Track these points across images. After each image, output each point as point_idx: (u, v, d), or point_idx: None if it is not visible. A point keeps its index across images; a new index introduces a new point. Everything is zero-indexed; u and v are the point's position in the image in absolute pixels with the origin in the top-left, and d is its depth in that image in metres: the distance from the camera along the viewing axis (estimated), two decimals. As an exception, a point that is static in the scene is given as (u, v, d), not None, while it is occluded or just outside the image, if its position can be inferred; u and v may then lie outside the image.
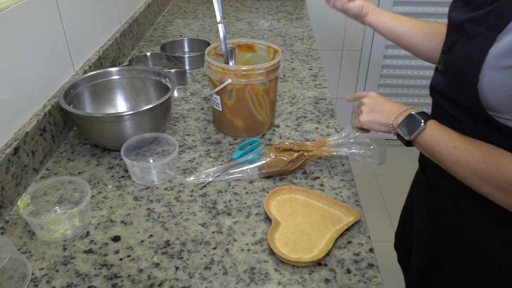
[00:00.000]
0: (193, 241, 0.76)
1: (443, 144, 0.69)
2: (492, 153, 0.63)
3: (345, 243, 0.75)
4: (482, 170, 0.63)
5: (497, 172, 0.61)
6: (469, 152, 0.65)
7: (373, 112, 0.81)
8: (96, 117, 0.94)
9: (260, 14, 1.92)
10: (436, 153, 0.70)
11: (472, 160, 0.64)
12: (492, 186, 0.63)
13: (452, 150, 0.67)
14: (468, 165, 0.65)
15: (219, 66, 0.96)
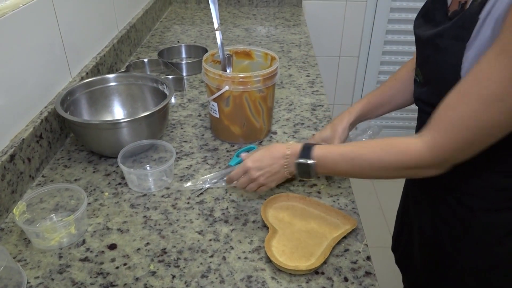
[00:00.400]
0: (189, 249, 0.76)
1: (341, 163, 0.73)
2: (388, 144, 0.68)
3: (342, 251, 0.75)
4: (386, 162, 0.68)
5: (400, 156, 0.67)
6: (365, 157, 0.70)
7: (266, 172, 0.79)
8: (93, 124, 0.94)
9: (257, 20, 1.93)
10: (342, 173, 0.76)
11: (373, 161, 0.69)
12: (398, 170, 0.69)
13: (350, 163, 0.72)
14: (371, 166, 0.70)
15: (216, 73, 0.96)
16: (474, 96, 0.60)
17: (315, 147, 0.75)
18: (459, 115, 0.61)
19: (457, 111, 0.62)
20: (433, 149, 0.65)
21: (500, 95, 0.58)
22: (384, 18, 2.23)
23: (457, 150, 0.64)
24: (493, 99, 0.58)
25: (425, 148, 0.65)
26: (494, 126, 0.60)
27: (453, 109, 0.63)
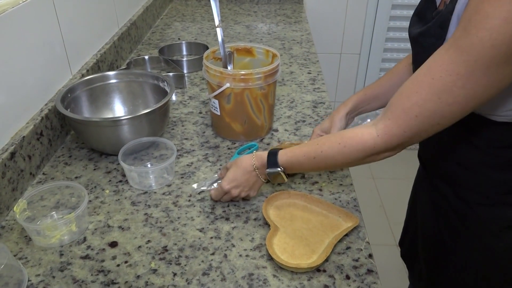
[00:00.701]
0: (191, 247, 0.76)
1: (306, 163, 0.76)
2: (344, 137, 0.71)
3: (344, 249, 0.75)
4: (346, 155, 0.71)
5: (356, 146, 0.70)
6: (326, 153, 0.73)
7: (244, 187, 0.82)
8: (93, 121, 0.93)
9: (258, 17, 1.92)
10: (312, 170, 0.80)
11: (334, 155, 0.72)
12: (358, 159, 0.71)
13: (314, 161, 0.74)
14: (333, 160, 0.73)
15: (217, 70, 0.96)
16: (425, 86, 0.61)
17: (279, 154, 0.78)
18: (411, 103, 0.63)
19: (409, 100, 0.63)
20: (385, 136, 0.67)
21: (449, 87, 0.59)
22: (385, 15, 2.22)
23: (408, 137, 0.66)
24: (442, 90, 0.59)
25: (379, 136, 0.67)
26: (443, 116, 0.62)
27: (406, 97, 0.64)
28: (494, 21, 0.53)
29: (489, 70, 0.56)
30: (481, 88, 0.58)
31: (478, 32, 0.55)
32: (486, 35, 0.54)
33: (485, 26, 0.54)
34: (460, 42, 0.57)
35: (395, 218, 2.12)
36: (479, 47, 0.55)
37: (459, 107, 0.60)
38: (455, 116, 0.62)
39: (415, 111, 0.62)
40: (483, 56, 0.55)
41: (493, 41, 0.54)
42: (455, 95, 0.59)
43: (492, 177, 0.74)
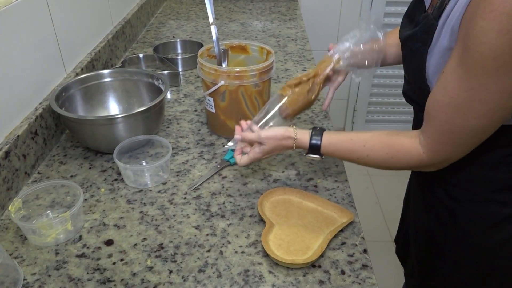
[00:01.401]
0: (186, 244, 0.76)
1: (347, 158, 0.79)
2: (392, 147, 0.73)
3: (339, 244, 0.75)
4: (392, 164, 0.74)
5: (403, 160, 0.72)
6: (372, 158, 0.75)
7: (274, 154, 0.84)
8: (88, 120, 0.93)
9: (253, 15, 1.92)
10: (347, 161, 0.80)
11: (380, 161, 0.74)
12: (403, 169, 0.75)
13: (356, 160, 0.77)
14: (379, 165, 0.76)
15: (212, 68, 0.96)
16: (448, 106, 0.63)
17: (322, 144, 0.78)
18: (442, 122, 0.65)
19: (439, 119, 0.66)
20: (430, 153, 0.69)
21: (468, 103, 0.61)
22: (380, 12, 2.22)
23: (450, 152, 0.69)
24: (463, 106, 0.61)
25: (424, 153, 0.70)
26: (474, 129, 0.64)
27: (434, 117, 0.67)
28: (490, 35, 0.54)
29: (500, 80, 0.57)
30: (499, 98, 0.59)
31: (477, 47, 0.56)
32: (486, 49, 0.55)
33: (482, 40, 0.55)
34: (464, 59, 0.59)
35: (391, 214, 2.13)
36: (483, 62, 0.56)
37: (488, 120, 0.62)
38: (489, 128, 0.64)
39: (448, 129, 0.65)
40: (489, 69, 0.57)
41: (494, 54, 0.55)
42: (477, 109, 0.61)
43: (481, 175, 0.75)
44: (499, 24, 0.53)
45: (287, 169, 0.94)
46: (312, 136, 0.79)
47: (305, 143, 0.80)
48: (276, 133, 0.81)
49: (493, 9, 0.53)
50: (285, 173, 0.93)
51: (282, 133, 0.81)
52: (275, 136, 0.81)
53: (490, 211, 0.76)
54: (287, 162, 0.96)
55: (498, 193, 0.75)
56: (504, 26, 0.53)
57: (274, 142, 0.81)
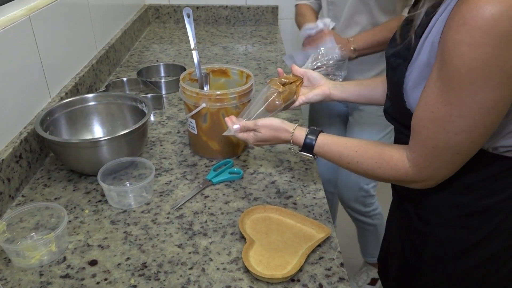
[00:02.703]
0: (169, 262, 0.78)
1: (338, 162, 0.81)
2: (381, 158, 0.74)
3: (317, 259, 0.78)
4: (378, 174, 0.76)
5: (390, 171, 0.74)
6: (361, 165, 0.77)
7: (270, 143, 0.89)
8: (73, 143, 0.96)
9: (235, 39, 1.98)
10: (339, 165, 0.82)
11: (368, 168, 0.76)
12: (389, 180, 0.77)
13: (347, 165, 0.79)
14: (366, 173, 0.78)
15: (193, 91, 0.99)
16: (429, 120, 0.65)
17: (316, 145, 0.81)
18: (424, 137, 0.67)
19: (422, 134, 0.67)
20: (415, 167, 0.70)
21: (448, 117, 0.62)
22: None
23: (435, 168, 0.69)
24: (443, 121, 0.63)
25: (410, 167, 0.71)
26: (456, 145, 0.65)
27: (418, 132, 0.68)
28: (463, 48, 0.57)
29: (476, 94, 0.59)
30: (476, 113, 0.60)
31: (453, 60, 0.58)
32: (459, 62, 0.58)
33: (456, 53, 0.57)
34: (442, 73, 0.61)
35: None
36: (457, 74, 0.59)
37: (468, 135, 0.63)
38: (470, 145, 0.64)
39: (430, 144, 0.66)
40: (464, 82, 0.58)
41: (467, 66, 0.57)
42: (456, 124, 0.62)
43: (451, 199, 0.77)
44: (471, 37, 0.55)
45: (267, 188, 0.98)
46: (307, 134, 0.82)
47: (300, 140, 0.82)
48: (272, 123, 0.84)
49: (466, 22, 0.56)
50: (266, 191, 0.96)
51: (278, 124, 0.84)
52: (270, 125, 0.84)
53: (459, 236, 0.78)
54: (267, 181, 1.00)
55: (467, 218, 0.77)
56: (475, 40, 0.55)
57: (269, 131, 0.84)
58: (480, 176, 0.73)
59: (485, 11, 0.54)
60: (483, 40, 0.55)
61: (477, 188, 0.74)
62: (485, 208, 0.75)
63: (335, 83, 0.98)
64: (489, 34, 0.55)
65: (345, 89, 0.98)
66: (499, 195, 0.74)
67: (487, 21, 0.54)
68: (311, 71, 0.99)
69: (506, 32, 0.54)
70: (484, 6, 0.54)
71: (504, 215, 0.75)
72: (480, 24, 0.55)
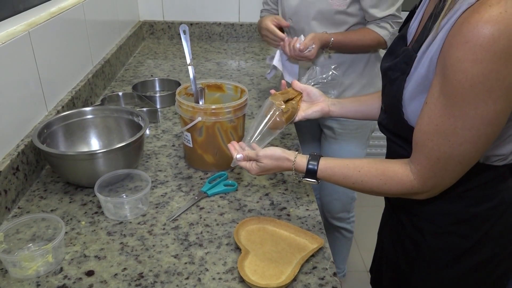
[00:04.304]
0: (166, 273, 0.79)
1: (343, 184, 0.81)
2: (385, 174, 0.76)
3: (310, 269, 0.80)
4: (384, 190, 0.77)
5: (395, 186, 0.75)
6: (366, 184, 0.78)
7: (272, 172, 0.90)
8: (70, 155, 0.97)
9: (228, 55, 2.02)
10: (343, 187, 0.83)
11: (374, 186, 0.77)
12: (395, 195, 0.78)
13: (352, 185, 0.80)
14: (372, 190, 0.79)
15: (189, 105, 1.02)
16: (434, 133, 0.68)
17: (319, 169, 0.82)
18: (428, 149, 0.70)
19: (427, 146, 0.70)
20: (420, 179, 0.73)
21: (452, 129, 0.66)
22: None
23: (439, 178, 0.71)
24: (448, 133, 0.66)
25: (415, 180, 0.73)
26: (461, 155, 0.68)
27: (423, 145, 0.71)
28: (465, 64, 0.60)
29: (478, 107, 0.62)
30: (479, 124, 0.63)
31: (455, 75, 0.62)
32: (463, 77, 0.61)
33: (459, 69, 0.61)
34: (444, 88, 0.65)
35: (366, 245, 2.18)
36: (461, 89, 0.62)
37: (472, 146, 0.66)
38: (473, 154, 0.67)
39: (435, 155, 0.69)
40: (467, 96, 0.62)
41: (470, 81, 0.61)
42: (460, 135, 0.65)
43: (442, 207, 0.79)
44: (473, 54, 0.59)
45: (261, 200, 1.00)
46: (309, 161, 0.83)
47: (302, 167, 0.84)
48: (273, 153, 0.86)
49: (468, 40, 0.60)
50: (260, 203, 0.98)
51: (280, 154, 0.86)
52: (272, 155, 0.86)
53: (451, 243, 0.81)
54: (261, 193, 1.02)
55: (457, 226, 0.80)
56: (477, 56, 0.59)
57: (271, 161, 0.86)
58: (471, 185, 0.76)
59: (485, 30, 0.58)
60: (484, 56, 0.59)
61: (468, 196, 0.77)
62: (474, 215, 0.78)
63: (333, 100, 1.01)
64: (489, 51, 0.59)
65: (343, 106, 1.01)
66: (488, 203, 0.77)
67: (488, 39, 0.58)
68: (311, 87, 1.02)
69: (505, 49, 0.58)
70: (485, 26, 0.58)
71: (492, 222, 0.78)
72: (481, 42, 0.59)
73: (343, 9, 1.24)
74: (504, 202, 0.78)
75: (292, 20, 1.31)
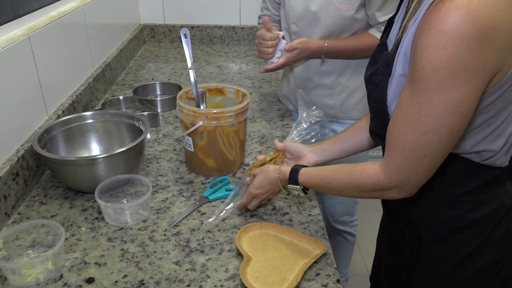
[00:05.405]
0: (167, 280, 0.78)
1: (321, 186, 0.84)
2: (354, 170, 0.78)
3: (313, 275, 0.79)
4: (353, 186, 0.78)
5: (362, 180, 0.76)
6: (338, 181, 0.80)
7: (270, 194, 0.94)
8: (70, 160, 0.96)
9: (229, 58, 2.02)
10: (325, 191, 0.87)
11: (344, 185, 0.79)
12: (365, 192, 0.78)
13: (328, 186, 0.82)
14: (344, 189, 0.80)
15: (190, 110, 1.01)
16: (400, 121, 0.69)
17: (300, 174, 0.86)
18: (395, 139, 0.70)
19: (393, 136, 0.70)
20: (386, 172, 0.73)
21: (416, 117, 0.66)
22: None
23: (405, 172, 0.70)
24: (412, 121, 0.66)
25: (381, 172, 0.74)
26: (426, 147, 0.67)
27: (390, 134, 0.71)
28: (429, 50, 0.61)
29: (441, 93, 0.63)
30: (442, 111, 0.64)
31: (421, 62, 0.63)
32: (427, 64, 0.62)
33: (423, 56, 0.62)
34: (412, 76, 0.65)
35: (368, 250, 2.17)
36: (425, 75, 0.63)
37: (435, 136, 0.65)
38: (438, 146, 0.67)
39: (400, 145, 0.69)
40: (430, 82, 0.63)
41: (433, 67, 0.61)
42: (424, 124, 0.65)
43: (441, 213, 0.78)
44: (436, 40, 0.60)
45: (263, 205, 0.99)
46: (292, 167, 0.87)
47: (286, 174, 0.87)
48: (263, 167, 0.94)
49: (432, 27, 0.61)
50: (262, 208, 0.97)
51: (268, 166, 0.92)
52: (262, 169, 0.93)
53: (451, 251, 0.80)
54: (263, 198, 1.01)
55: (457, 232, 0.78)
56: (440, 42, 0.60)
57: (260, 177, 0.91)
58: (468, 187, 0.75)
59: (448, 16, 0.59)
60: (447, 42, 0.60)
61: (466, 200, 0.76)
62: (474, 221, 0.77)
63: (315, 149, 0.99)
64: (452, 36, 0.59)
65: (327, 152, 0.99)
66: (487, 207, 0.76)
67: (450, 25, 0.59)
68: (291, 144, 1.01)
69: (468, 34, 0.59)
70: (448, 12, 0.60)
71: (492, 227, 0.77)
72: (443, 28, 0.60)
73: (351, 14, 1.23)
74: (503, 207, 0.77)
75: (297, 25, 1.30)
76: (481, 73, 0.62)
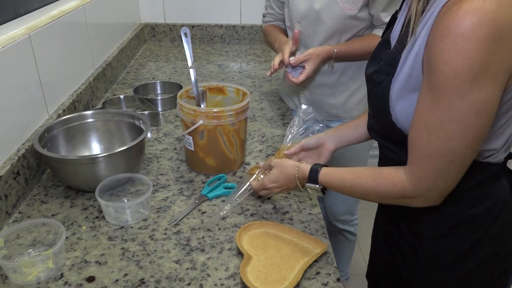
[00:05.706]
0: (167, 278, 0.78)
1: (342, 188, 0.82)
2: (379, 175, 0.76)
3: (314, 274, 0.79)
4: (378, 192, 0.77)
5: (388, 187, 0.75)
6: (361, 186, 0.78)
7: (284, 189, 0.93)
8: (70, 159, 0.96)
9: (230, 57, 2.02)
10: (344, 193, 0.83)
11: (368, 190, 0.78)
12: (390, 199, 0.77)
13: (350, 189, 0.81)
14: (368, 194, 0.79)
15: (191, 109, 1.01)
16: (423, 129, 0.67)
17: (320, 174, 0.84)
18: (419, 148, 0.69)
19: (417, 145, 0.69)
20: (412, 180, 0.72)
21: (440, 124, 0.65)
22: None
23: (432, 179, 0.70)
24: (436, 128, 0.66)
25: (407, 180, 0.72)
26: (449, 151, 0.66)
27: (413, 143, 0.70)
28: (449, 54, 0.61)
29: (464, 97, 0.62)
30: (465, 116, 0.63)
31: (440, 67, 0.62)
32: (447, 68, 0.61)
33: (443, 60, 0.61)
34: (431, 82, 0.64)
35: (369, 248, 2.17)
36: (445, 79, 0.62)
37: (461, 141, 0.65)
38: (464, 151, 0.66)
39: (425, 153, 0.68)
40: (451, 86, 0.62)
41: (454, 71, 0.61)
42: (448, 130, 0.65)
43: (439, 211, 0.78)
44: (456, 44, 0.60)
45: (264, 204, 0.99)
46: (312, 166, 0.86)
47: (305, 172, 0.86)
48: (282, 160, 0.93)
49: (450, 31, 0.60)
50: (262, 207, 0.98)
51: (287, 161, 0.92)
52: (280, 162, 0.92)
53: (450, 247, 0.80)
54: (263, 197, 1.01)
55: (456, 228, 0.79)
56: (460, 46, 0.59)
57: (277, 170, 0.91)
58: (469, 184, 0.75)
59: (465, 20, 0.59)
60: (466, 46, 0.59)
61: (467, 197, 0.77)
62: (473, 216, 0.78)
63: (332, 136, 0.99)
64: (471, 40, 0.59)
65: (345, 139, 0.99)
66: (486, 203, 0.77)
67: (468, 28, 0.59)
68: (305, 140, 1.00)
69: (487, 37, 0.58)
70: (465, 15, 0.59)
71: (490, 221, 0.78)
72: (462, 32, 0.59)
73: (354, 13, 1.22)
74: (500, 202, 0.78)
75: (301, 24, 1.30)
76: (501, 75, 0.62)
